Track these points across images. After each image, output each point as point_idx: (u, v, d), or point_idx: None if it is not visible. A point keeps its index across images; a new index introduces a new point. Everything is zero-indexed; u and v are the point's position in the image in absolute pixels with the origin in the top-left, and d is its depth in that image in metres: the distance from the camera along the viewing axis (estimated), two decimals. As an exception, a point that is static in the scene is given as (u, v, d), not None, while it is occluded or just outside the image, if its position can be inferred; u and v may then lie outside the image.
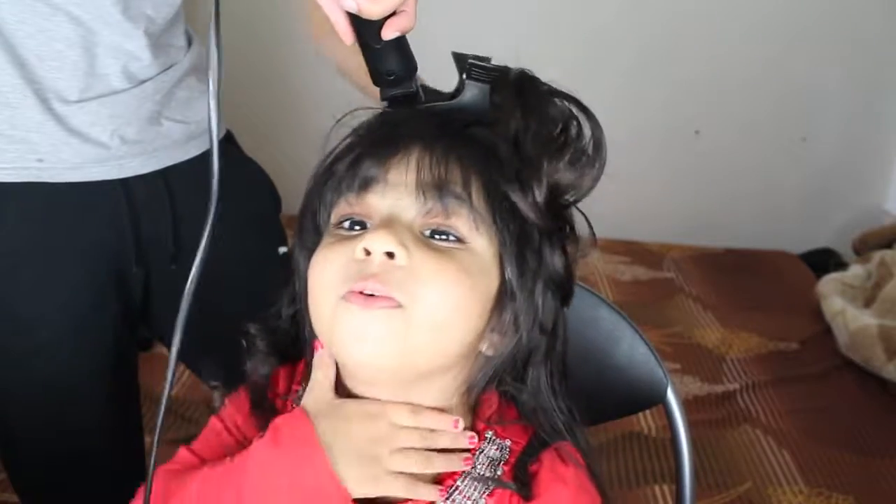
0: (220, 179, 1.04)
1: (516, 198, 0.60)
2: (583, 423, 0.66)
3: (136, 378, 1.05)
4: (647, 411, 1.88)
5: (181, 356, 1.18)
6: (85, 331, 0.94)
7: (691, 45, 2.96)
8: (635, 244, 3.05)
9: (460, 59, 0.65)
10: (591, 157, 0.62)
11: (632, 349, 0.89)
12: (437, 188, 0.59)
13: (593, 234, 0.65)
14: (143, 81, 0.93)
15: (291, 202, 1.09)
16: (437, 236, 0.59)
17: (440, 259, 0.58)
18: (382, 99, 0.68)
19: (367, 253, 0.58)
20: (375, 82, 0.68)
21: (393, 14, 0.62)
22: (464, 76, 0.64)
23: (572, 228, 0.65)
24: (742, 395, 2.21)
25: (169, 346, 1.15)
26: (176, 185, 0.98)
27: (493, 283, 0.61)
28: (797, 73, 3.00)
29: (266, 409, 0.68)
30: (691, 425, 0.90)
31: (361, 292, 0.57)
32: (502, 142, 0.61)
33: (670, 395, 0.88)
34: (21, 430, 0.97)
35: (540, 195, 0.61)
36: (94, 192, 0.92)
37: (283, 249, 1.10)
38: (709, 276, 2.95)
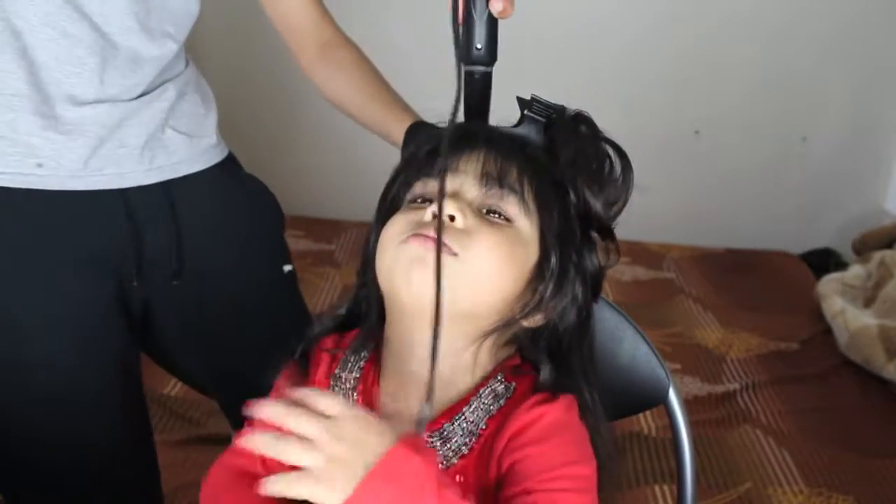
0: (224, 198, 1.06)
1: (588, 196, 0.74)
2: (605, 420, 0.75)
3: (142, 388, 1.04)
4: (648, 411, 1.89)
5: (184, 378, 1.18)
6: (87, 343, 0.93)
7: (691, 45, 2.96)
8: (635, 244, 3.05)
9: (522, 101, 0.77)
10: (619, 189, 0.75)
11: (633, 349, 0.89)
12: (496, 178, 0.72)
13: (617, 247, 0.77)
14: (148, 92, 0.93)
15: (294, 203, 1.10)
16: (490, 214, 0.72)
17: (491, 225, 0.71)
18: (465, 66, 0.78)
19: (434, 217, 0.69)
20: (463, 55, 0.77)
21: None
22: (525, 111, 0.76)
23: (614, 240, 0.77)
24: (742, 395, 2.21)
25: (177, 374, 1.15)
26: (179, 199, 0.97)
27: (531, 256, 0.73)
28: (797, 74, 3.00)
29: (304, 362, 0.79)
30: (691, 425, 0.90)
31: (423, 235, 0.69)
32: (555, 165, 0.73)
33: (672, 396, 0.88)
34: (21, 446, 0.95)
35: (589, 205, 0.74)
36: (94, 202, 0.91)
37: (287, 268, 1.09)
38: (709, 276, 2.95)
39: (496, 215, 0.72)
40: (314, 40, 1.04)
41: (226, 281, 1.02)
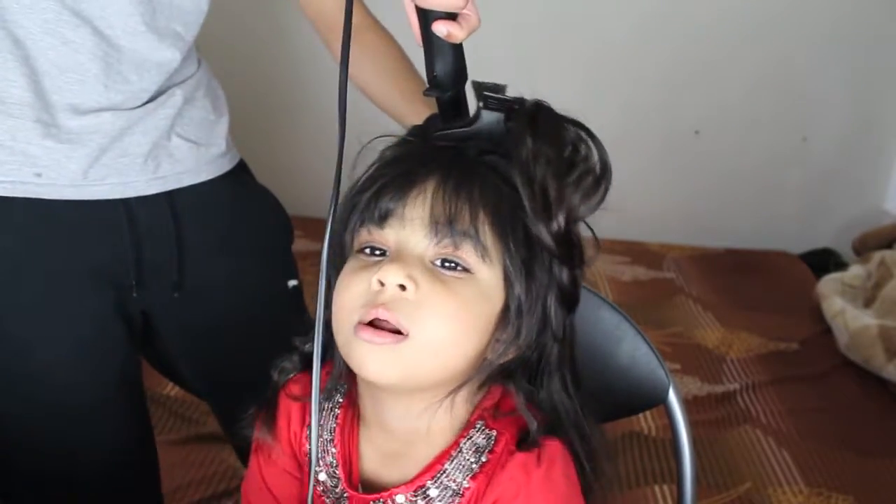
0: (230, 210, 1.03)
1: (529, 224, 0.64)
2: (595, 426, 0.71)
3: (143, 394, 1.03)
4: (648, 411, 1.88)
5: (180, 383, 1.18)
6: (86, 354, 0.92)
7: (691, 45, 2.96)
8: (635, 244, 3.05)
9: (478, 88, 0.69)
10: (597, 177, 0.66)
11: (633, 349, 0.89)
12: (447, 224, 0.64)
13: (597, 240, 0.69)
14: (155, 98, 0.91)
15: (293, 203, 1.10)
16: (446, 264, 0.65)
17: (445, 292, 0.64)
18: (425, 93, 0.71)
19: (382, 283, 0.63)
20: (427, 80, 0.72)
21: (454, 18, 0.66)
22: (480, 104, 0.68)
23: (580, 245, 0.68)
24: (742, 395, 2.21)
25: (173, 379, 1.13)
26: (183, 210, 0.95)
27: (496, 305, 0.66)
28: (797, 74, 3.00)
29: (272, 407, 0.75)
30: (691, 425, 0.89)
31: (372, 323, 0.63)
32: (516, 169, 0.64)
33: (672, 396, 0.88)
34: (21, 456, 0.94)
35: (553, 221, 0.64)
36: (95, 212, 0.89)
37: (292, 283, 1.08)
38: (709, 276, 2.95)
39: (453, 265, 0.64)
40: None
41: (227, 294, 1.01)
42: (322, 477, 0.72)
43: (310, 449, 0.69)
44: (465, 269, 0.65)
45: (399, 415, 0.70)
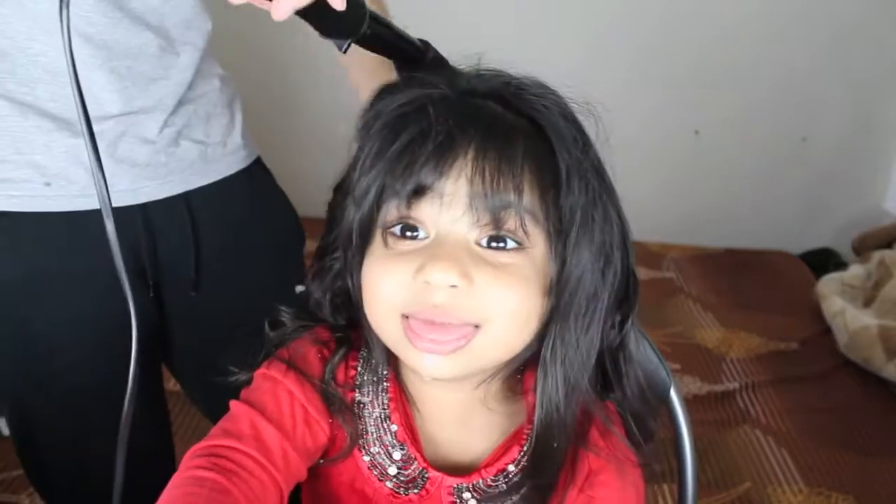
0: (248, 205, 1.02)
1: (571, 164, 0.61)
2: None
3: (162, 391, 1.04)
4: (648, 411, 1.88)
5: (180, 383, 1.18)
6: (107, 353, 0.92)
7: (691, 45, 2.96)
8: (635, 244, 3.01)
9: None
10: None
11: (634, 349, 0.88)
12: (489, 200, 0.58)
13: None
14: (162, 103, 0.90)
15: (294, 203, 1.09)
16: (493, 244, 0.60)
17: (502, 279, 0.59)
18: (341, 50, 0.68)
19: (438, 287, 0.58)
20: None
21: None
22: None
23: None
24: (742, 395, 2.21)
25: (182, 382, 1.14)
26: (199, 209, 0.95)
27: (548, 275, 0.61)
28: (797, 74, 3.00)
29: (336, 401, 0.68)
30: (691, 425, 0.90)
31: (429, 321, 0.59)
32: (549, 109, 0.62)
33: (673, 395, 0.88)
34: (49, 453, 0.96)
35: (591, 149, 0.63)
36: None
37: (300, 288, 1.07)
38: (709, 276, 2.95)
39: (502, 245, 0.60)
40: None
41: (242, 291, 1.01)
42: (384, 461, 0.68)
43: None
44: (517, 244, 0.60)
45: (455, 387, 0.66)
